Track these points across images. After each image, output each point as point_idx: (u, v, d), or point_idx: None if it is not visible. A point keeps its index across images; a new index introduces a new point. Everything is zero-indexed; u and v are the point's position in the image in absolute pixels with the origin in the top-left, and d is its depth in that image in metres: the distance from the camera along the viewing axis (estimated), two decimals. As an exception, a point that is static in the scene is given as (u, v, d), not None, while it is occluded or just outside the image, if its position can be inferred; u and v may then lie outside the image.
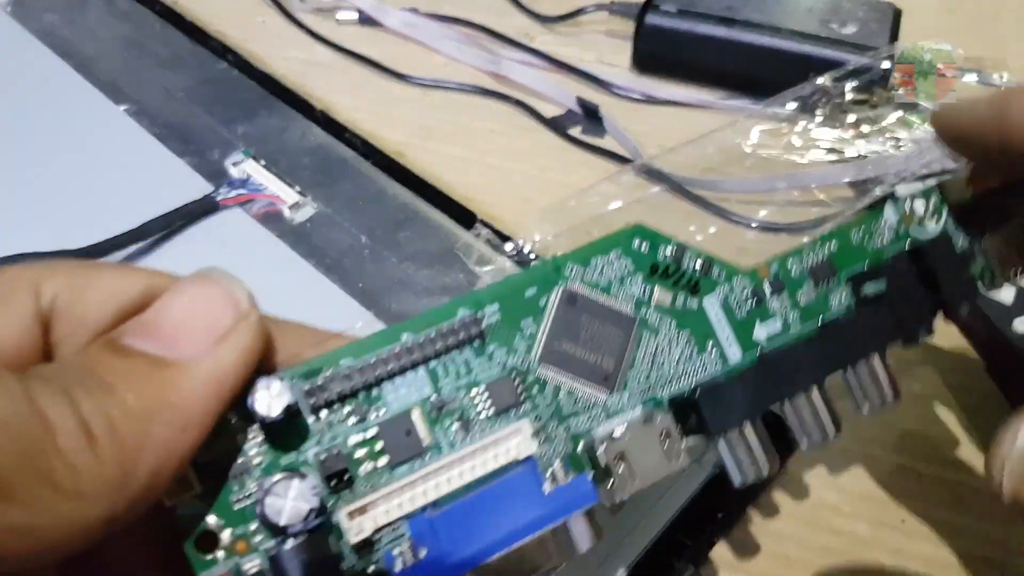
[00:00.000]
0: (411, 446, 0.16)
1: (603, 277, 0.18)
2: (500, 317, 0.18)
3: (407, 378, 0.17)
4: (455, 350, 0.17)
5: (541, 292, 0.18)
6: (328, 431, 0.16)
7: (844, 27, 0.43)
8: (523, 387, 0.17)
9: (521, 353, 0.18)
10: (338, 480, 0.16)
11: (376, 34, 0.50)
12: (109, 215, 0.37)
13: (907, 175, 0.38)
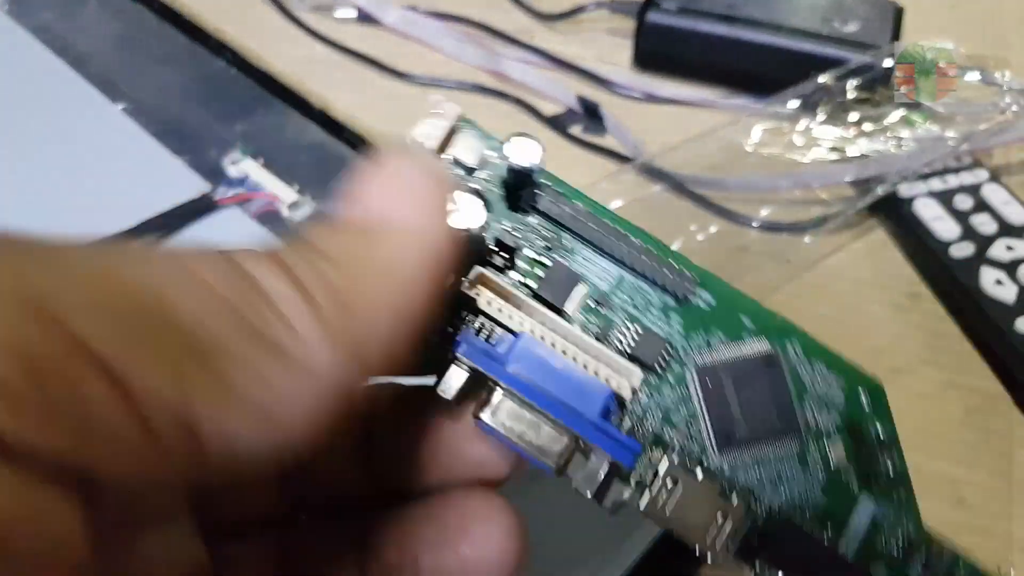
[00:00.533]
0: (556, 296, 0.17)
1: (811, 379, 0.18)
2: (707, 309, 0.18)
3: (602, 262, 0.18)
4: (653, 284, 0.18)
5: (752, 330, 0.18)
6: (523, 226, 0.18)
7: (846, 25, 0.43)
8: (664, 363, 0.18)
9: (691, 345, 0.18)
10: (500, 250, 0.17)
11: (375, 32, 0.49)
12: (106, 214, 0.37)
13: (909, 174, 0.38)
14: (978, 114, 0.39)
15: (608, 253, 0.18)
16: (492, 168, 0.18)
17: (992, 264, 0.34)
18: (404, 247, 0.13)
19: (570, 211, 0.18)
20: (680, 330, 0.18)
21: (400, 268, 0.13)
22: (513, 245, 0.17)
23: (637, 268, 0.18)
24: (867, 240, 0.38)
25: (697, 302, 0.18)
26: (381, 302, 0.12)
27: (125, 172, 0.41)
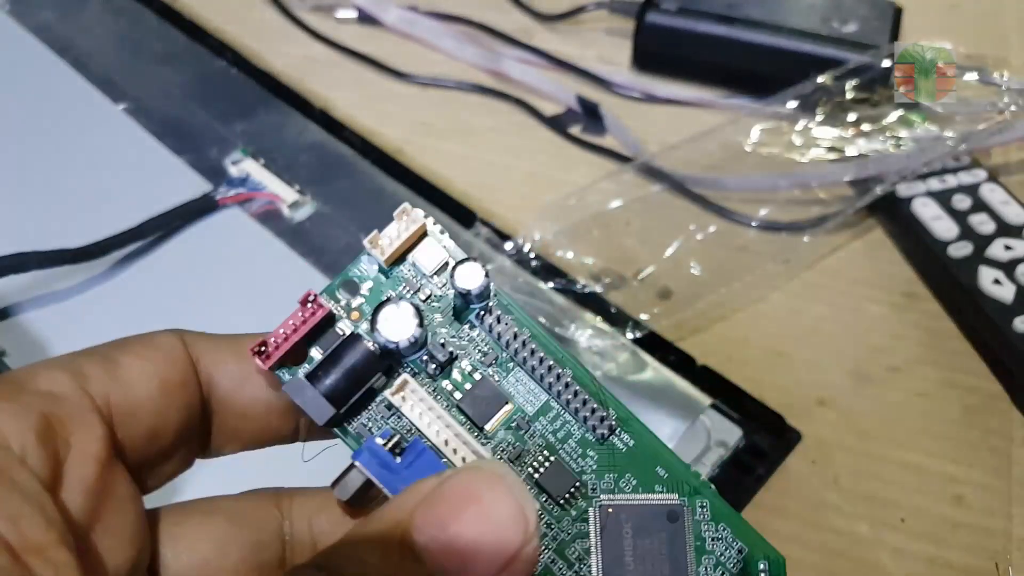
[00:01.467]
0: (479, 415, 0.18)
1: (712, 541, 0.18)
2: (623, 450, 0.18)
3: (532, 387, 0.19)
4: (575, 419, 0.18)
5: (666, 482, 0.18)
6: (465, 338, 0.19)
7: (845, 25, 0.43)
8: (571, 498, 0.18)
9: (602, 485, 0.18)
10: (429, 360, 0.18)
11: (375, 32, 0.49)
12: (107, 214, 0.37)
13: (908, 174, 0.38)
14: (977, 114, 0.39)
15: (539, 380, 0.18)
16: (447, 278, 0.19)
17: (990, 263, 0.34)
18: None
19: (511, 332, 0.18)
20: (593, 467, 0.18)
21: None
22: (444, 358, 0.18)
23: (562, 399, 0.18)
24: (866, 239, 0.39)
25: (616, 442, 0.18)
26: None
27: (126, 172, 0.41)
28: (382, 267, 0.19)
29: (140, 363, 0.17)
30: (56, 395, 0.16)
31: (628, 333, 0.34)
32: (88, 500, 0.15)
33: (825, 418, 0.32)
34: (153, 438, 0.17)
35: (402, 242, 0.18)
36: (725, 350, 0.34)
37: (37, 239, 0.34)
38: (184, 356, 0.18)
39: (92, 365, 0.17)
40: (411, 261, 0.19)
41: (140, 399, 0.17)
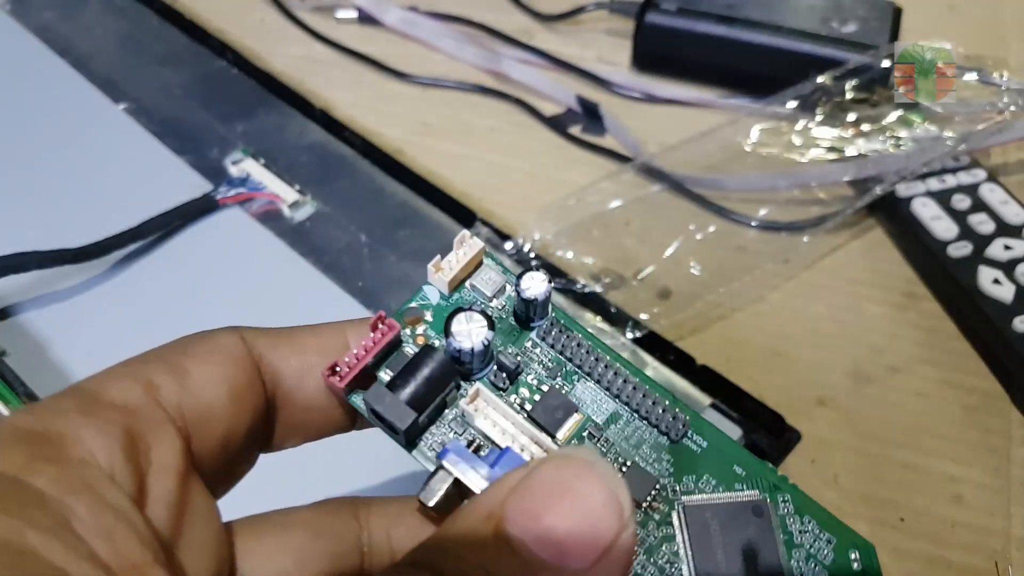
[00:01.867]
0: (551, 423, 0.18)
1: (799, 534, 0.18)
2: (698, 452, 0.18)
3: (600, 396, 0.19)
4: (648, 423, 0.19)
5: (745, 480, 0.18)
6: (531, 351, 0.19)
7: (844, 25, 0.43)
8: (652, 502, 0.18)
9: (681, 487, 0.18)
10: (500, 370, 0.18)
11: (375, 32, 0.49)
12: (107, 214, 0.37)
13: (908, 174, 0.38)
14: (976, 114, 0.39)
15: (607, 388, 0.19)
16: (507, 300, 0.20)
17: (990, 263, 0.34)
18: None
19: (574, 343, 0.19)
20: (671, 470, 0.18)
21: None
22: (513, 367, 0.18)
23: (632, 404, 0.18)
24: (865, 239, 0.39)
25: (689, 444, 0.18)
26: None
27: (126, 172, 0.41)
28: (443, 294, 0.19)
29: (208, 368, 0.17)
30: (132, 408, 0.15)
31: (628, 333, 0.34)
32: (171, 515, 0.15)
33: (825, 418, 0.32)
34: (226, 445, 0.17)
35: (461, 268, 0.19)
36: (725, 350, 0.34)
37: (37, 239, 0.34)
38: (247, 356, 0.18)
39: (161, 374, 0.16)
40: (470, 285, 0.20)
41: (212, 407, 0.17)
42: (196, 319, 0.35)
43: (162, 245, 0.38)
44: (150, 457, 0.15)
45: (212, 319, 0.35)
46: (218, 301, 0.36)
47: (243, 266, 0.37)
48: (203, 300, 0.36)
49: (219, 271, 0.37)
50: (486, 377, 0.19)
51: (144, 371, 0.16)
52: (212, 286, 0.36)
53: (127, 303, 0.36)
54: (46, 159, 0.41)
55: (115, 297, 0.36)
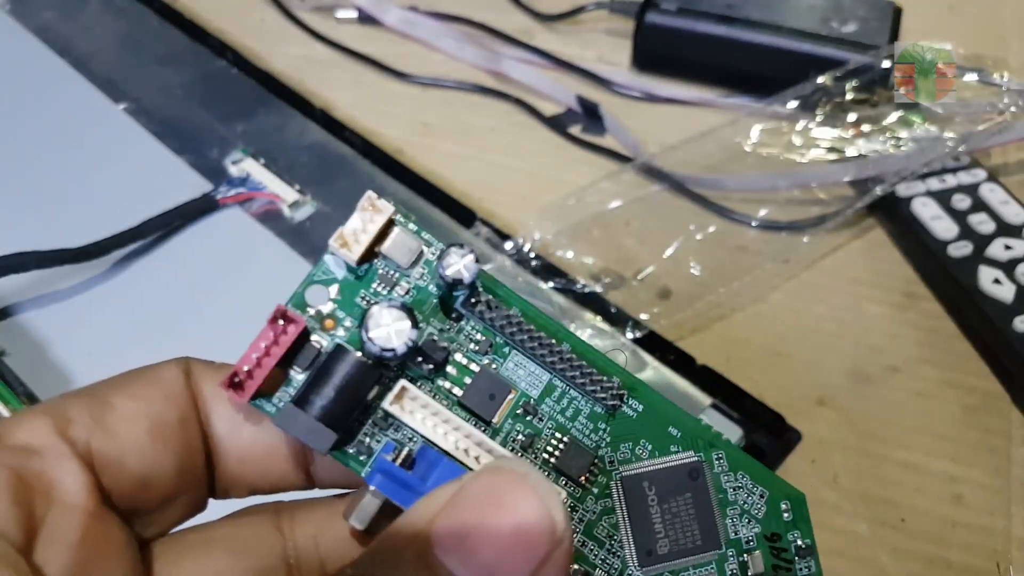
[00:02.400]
0: (482, 407, 0.17)
1: (734, 491, 0.18)
2: (634, 417, 0.18)
3: (533, 369, 0.18)
4: (582, 393, 0.18)
5: (680, 441, 0.18)
6: (454, 330, 0.17)
7: (844, 25, 0.43)
8: (591, 476, 0.17)
9: (619, 457, 0.18)
10: (423, 360, 0.17)
11: (375, 32, 0.49)
12: (107, 214, 0.37)
13: (908, 174, 0.38)
14: (976, 114, 0.39)
15: (539, 360, 0.17)
16: (426, 267, 0.18)
17: (990, 263, 0.34)
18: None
19: (503, 316, 0.17)
20: (607, 439, 0.18)
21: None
22: (440, 359, 0.17)
23: (567, 375, 0.17)
24: (865, 239, 0.39)
25: (626, 410, 0.18)
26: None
27: (126, 171, 0.41)
28: (351, 267, 0.17)
29: (131, 403, 0.16)
30: (33, 447, 0.15)
31: (628, 333, 0.34)
32: (73, 553, 0.15)
33: (825, 418, 0.32)
34: (145, 484, 0.16)
35: (370, 236, 0.17)
36: (725, 350, 0.34)
37: (37, 239, 0.34)
38: (184, 392, 0.17)
39: (78, 408, 0.16)
40: (382, 254, 0.17)
41: (127, 444, 0.16)
42: (195, 319, 0.36)
43: (162, 245, 0.38)
44: (51, 495, 0.15)
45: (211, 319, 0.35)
46: (218, 301, 0.36)
47: (243, 266, 0.37)
48: (203, 300, 0.36)
49: (219, 271, 0.37)
50: (410, 369, 0.17)
51: (63, 406, 0.16)
52: (212, 286, 0.36)
53: (127, 303, 0.35)
54: (46, 159, 0.41)
55: (115, 297, 0.36)
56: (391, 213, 0.17)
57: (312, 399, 0.16)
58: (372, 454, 0.17)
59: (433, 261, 0.18)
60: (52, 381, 0.32)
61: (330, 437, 0.16)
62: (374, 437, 0.17)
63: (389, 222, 0.17)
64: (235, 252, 0.38)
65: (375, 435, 0.17)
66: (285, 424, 0.16)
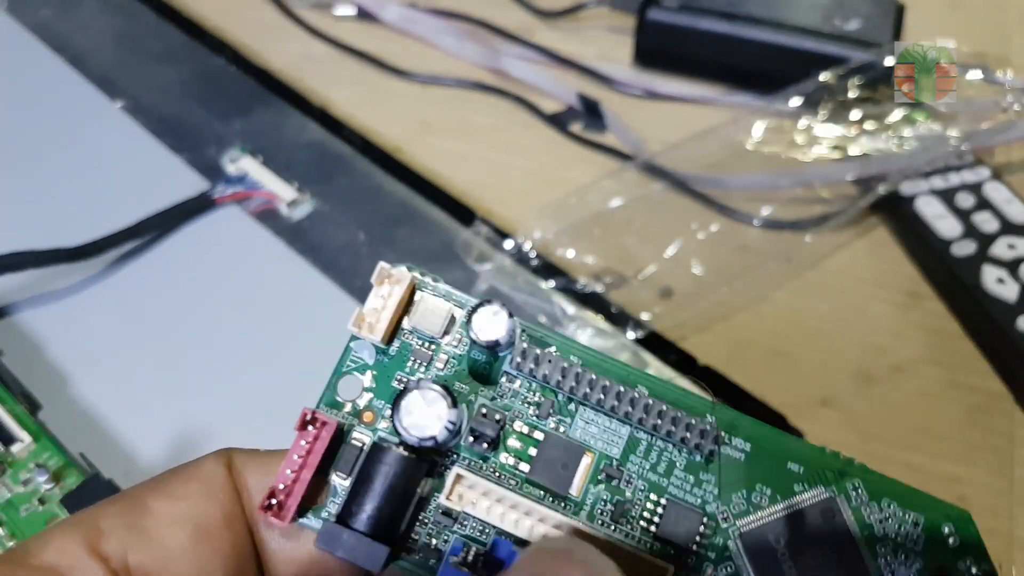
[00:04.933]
0: (556, 480, 0.15)
1: (880, 524, 0.15)
2: (742, 459, 0.15)
3: (608, 424, 0.15)
4: (672, 442, 0.15)
5: (804, 478, 0.15)
6: (507, 395, 0.15)
7: (847, 23, 0.43)
8: (703, 539, 0.14)
9: (733, 510, 0.15)
10: (476, 439, 0.15)
11: (374, 29, 0.49)
12: (104, 212, 0.37)
13: (911, 172, 0.37)
14: (980, 112, 0.39)
15: (613, 412, 0.15)
16: (462, 330, 0.16)
17: (994, 262, 0.34)
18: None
19: (559, 369, 0.15)
20: (714, 491, 0.15)
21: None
22: (494, 434, 0.15)
23: (649, 425, 0.15)
24: (869, 238, 0.38)
25: (729, 452, 0.15)
26: None
27: (123, 170, 0.41)
28: (379, 347, 0.16)
29: (171, 505, 0.15)
30: (60, 569, 0.14)
31: (629, 333, 0.34)
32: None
33: (828, 418, 0.32)
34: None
35: (393, 311, 0.15)
36: (727, 350, 0.33)
37: (33, 238, 0.34)
38: (227, 488, 0.16)
39: (112, 518, 0.15)
40: (410, 327, 0.16)
41: (170, 551, 0.15)
42: (193, 319, 0.35)
43: (159, 244, 0.37)
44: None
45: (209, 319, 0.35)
46: (216, 301, 0.35)
47: (241, 265, 0.37)
48: (200, 300, 0.36)
49: (216, 270, 0.37)
50: (463, 449, 0.15)
51: (95, 518, 0.15)
52: (210, 285, 0.36)
53: (124, 303, 0.35)
54: (42, 157, 0.41)
55: (112, 296, 0.35)
56: (411, 280, 0.16)
57: (356, 510, 0.14)
58: (441, 556, 0.15)
59: (463, 322, 0.16)
60: (49, 381, 0.32)
61: (380, 553, 0.14)
62: (439, 536, 0.15)
63: (411, 289, 0.16)
64: (233, 251, 0.38)
65: (438, 533, 0.15)
66: (330, 545, 0.14)
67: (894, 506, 0.15)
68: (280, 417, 0.18)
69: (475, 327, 0.15)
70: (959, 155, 0.39)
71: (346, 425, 0.15)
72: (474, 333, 0.15)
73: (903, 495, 0.15)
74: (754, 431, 0.16)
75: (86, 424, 0.31)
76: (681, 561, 0.15)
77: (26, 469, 0.28)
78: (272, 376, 0.32)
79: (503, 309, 0.15)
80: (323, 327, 0.32)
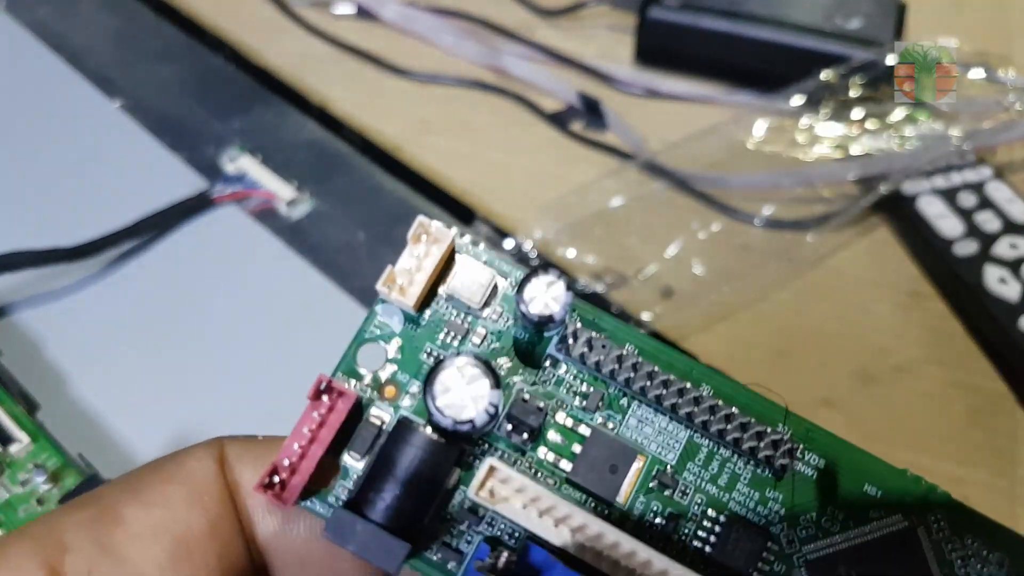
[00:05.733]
0: (602, 484, 0.13)
1: (962, 561, 0.13)
2: (815, 476, 0.13)
3: (664, 424, 0.13)
4: (738, 451, 0.13)
5: (882, 503, 0.13)
6: (551, 382, 0.13)
7: (849, 21, 0.43)
8: (765, 566, 0.13)
9: (799, 535, 0.13)
10: (514, 429, 0.13)
11: (373, 28, 0.49)
12: (102, 212, 0.37)
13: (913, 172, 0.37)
14: (982, 112, 0.39)
15: (672, 412, 0.13)
16: (504, 302, 0.14)
17: (996, 262, 0.34)
18: None
19: (613, 358, 0.13)
20: (781, 511, 0.13)
21: None
22: (535, 422, 0.13)
23: (713, 430, 0.13)
24: (870, 238, 0.38)
25: (802, 469, 0.13)
26: None
27: (121, 169, 0.41)
28: (409, 315, 0.14)
29: (147, 515, 0.13)
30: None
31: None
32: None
33: (830, 419, 0.32)
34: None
35: (429, 274, 0.13)
36: (728, 350, 0.33)
37: (31, 237, 0.34)
38: (215, 487, 0.14)
39: (79, 530, 0.13)
40: (446, 295, 0.14)
41: (141, 573, 0.13)
42: (192, 319, 0.35)
43: (157, 243, 0.37)
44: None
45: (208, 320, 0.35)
46: (214, 301, 0.35)
47: (239, 265, 0.37)
48: (199, 299, 0.35)
49: (215, 270, 0.37)
50: (498, 439, 0.13)
51: (58, 529, 0.13)
52: (208, 285, 0.36)
53: (122, 302, 0.35)
54: (40, 156, 0.41)
55: (110, 296, 0.35)
56: (452, 238, 0.13)
57: (373, 497, 0.12)
58: (462, 559, 0.13)
59: (512, 295, 0.14)
60: (47, 381, 0.32)
61: (400, 550, 0.12)
62: (462, 536, 0.13)
63: (450, 251, 0.13)
64: (231, 250, 0.37)
65: (463, 533, 0.13)
66: (340, 537, 0.12)
67: (978, 544, 0.14)
68: (279, 416, 0.17)
69: (527, 299, 0.12)
70: (961, 154, 0.39)
71: (364, 399, 0.13)
72: (524, 306, 0.12)
73: (989, 532, 0.14)
74: (831, 446, 0.14)
75: (84, 424, 0.31)
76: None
77: (24, 470, 0.28)
78: (271, 376, 0.32)
79: (560, 280, 0.13)
80: (323, 327, 0.32)
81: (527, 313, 0.13)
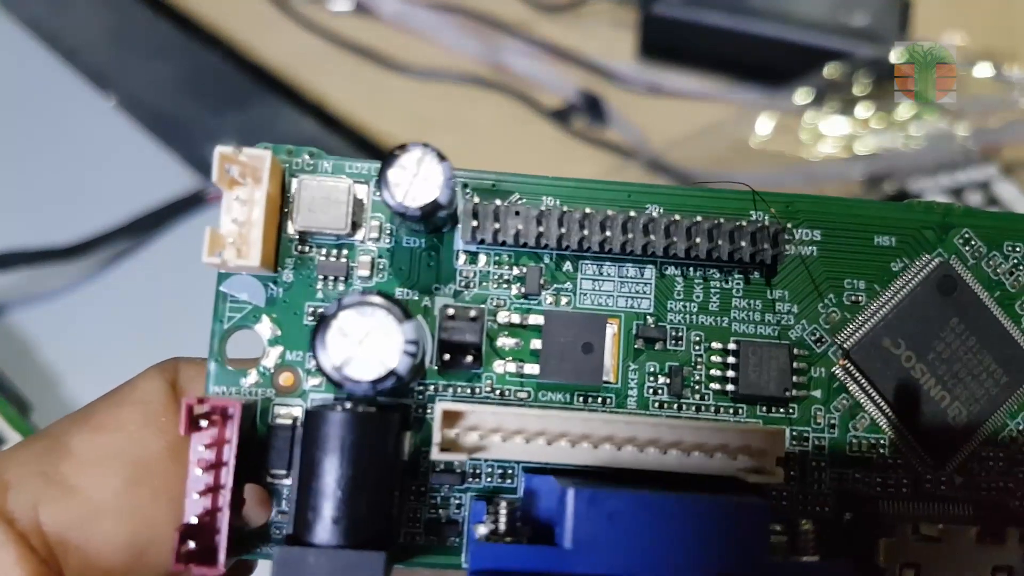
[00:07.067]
0: (582, 371, 0.10)
1: (1007, 283, 0.12)
2: (816, 253, 0.11)
3: (623, 270, 0.11)
4: (717, 266, 0.11)
5: (901, 252, 0.11)
6: (474, 285, 0.10)
7: (853, 17, 0.42)
8: (803, 375, 0.11)
9: (823, 324, 0.11)
10: (451, 359, 0.10)
11: (371, 23, 0.48)
12: (96, 210, 0.36)
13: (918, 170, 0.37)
14: (988, 109, 0.39)
15: (624, 253, 0.11)
16: (379, 212, 0.11)
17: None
18: None
19: (533, 216, 0.11)
20: (792, 310, 0.11)
21: None
22: (474, 338, 0.10)
23: (680, 251, 0.11)
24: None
25: (795, 249, 0.12)
26: None
27: (115, 167, 0.40)
28: (261, 277, 0.11)
29: (96, 441, 0.12)
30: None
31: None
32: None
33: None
34: (137, 551, 0.12)
35: (262, 218, 0.10)
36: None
37: (25, 236, 0.34)
38: (171, 408, 0.13)
39: (22, 466, 0.12)
40: (298, 233, 0.11)
41: (97, 503, 0.12)
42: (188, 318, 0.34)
43: (152, 242, 0.37)
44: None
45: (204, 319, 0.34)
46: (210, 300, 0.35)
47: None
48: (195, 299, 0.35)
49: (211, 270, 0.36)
50: (437, 377, 0.11)
51: (1, 467, 0.12)
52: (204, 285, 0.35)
53: (116, 301, 0.35)
54: (34, 154, 0.41)
55: (104, 295, 0.35)
56: (270, 160, 0.10)
57: (311, 518, 0.10)
58: (460, 530, 0.11)
59: (377, 197, 0.10)
60: (40, 381, 0.32)
61: (376, 563, 0.10)
62: (448, 503, 0.11)
63: (280, 179, 0.10)
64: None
65: (448, 500, 0.11)
66: (291, 573, 0.10)
67: (1021, 247, 0.12)
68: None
69: (393, 188, 0.10)
70: (967, 152, 0.38)
71: (257, 402, 0.11)
72: (393, 199, 0.10)
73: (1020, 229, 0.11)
74: (818, 209, 0.12)
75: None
76: (786, 411, 0.10)
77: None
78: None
79: (429, 152, 0.10)
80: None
81: (402, 207, 0.10)
